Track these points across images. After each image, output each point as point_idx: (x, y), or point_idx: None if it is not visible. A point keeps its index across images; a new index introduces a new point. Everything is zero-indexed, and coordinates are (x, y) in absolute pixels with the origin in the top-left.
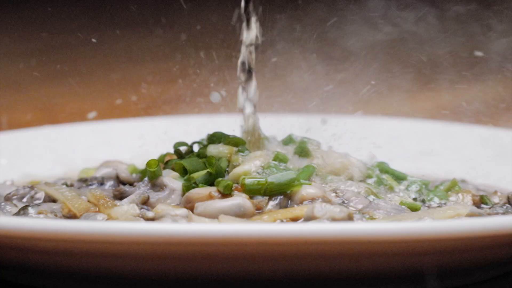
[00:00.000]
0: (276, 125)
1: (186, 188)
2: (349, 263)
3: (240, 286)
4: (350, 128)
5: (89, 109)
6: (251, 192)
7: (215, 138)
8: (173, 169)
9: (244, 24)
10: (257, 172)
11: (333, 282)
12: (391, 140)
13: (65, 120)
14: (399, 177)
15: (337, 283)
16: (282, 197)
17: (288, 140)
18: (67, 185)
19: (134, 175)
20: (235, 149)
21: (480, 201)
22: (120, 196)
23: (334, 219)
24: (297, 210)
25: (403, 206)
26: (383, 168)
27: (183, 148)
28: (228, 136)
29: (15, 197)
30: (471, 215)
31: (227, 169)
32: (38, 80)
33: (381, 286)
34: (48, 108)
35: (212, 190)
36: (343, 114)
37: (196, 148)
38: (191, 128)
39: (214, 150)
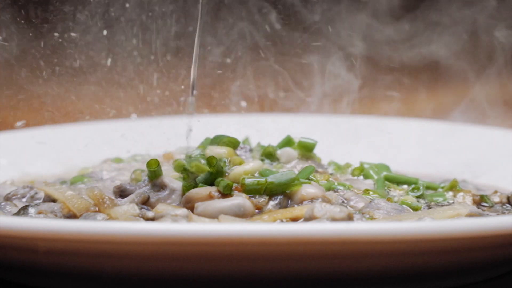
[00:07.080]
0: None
1: (186, 188)
2: (349, 263)
3: (240, 286)
4: (346, 128)
5: (88, 109)
6: (251, 192)
7: (217, 140)
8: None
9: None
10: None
11: (333, 282)
12: (391, 140)
13: (64, 120)
14: (400, 180)
15: (337, 283)
16: (282, 197)
17: (287, 141)
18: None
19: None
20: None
21: (480, 201)
22: (120, 195)
23: (334, 219)
24: (297, 210)
25: (403, 206)
26: (384, 170)
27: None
28: (225, 136)
29: (15, 197)
30: (471, 215)
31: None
32: (37, 80)
33: (381, 286)
34: (47, 108)
35: (212, 190)
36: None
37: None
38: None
39: (214, 150)
